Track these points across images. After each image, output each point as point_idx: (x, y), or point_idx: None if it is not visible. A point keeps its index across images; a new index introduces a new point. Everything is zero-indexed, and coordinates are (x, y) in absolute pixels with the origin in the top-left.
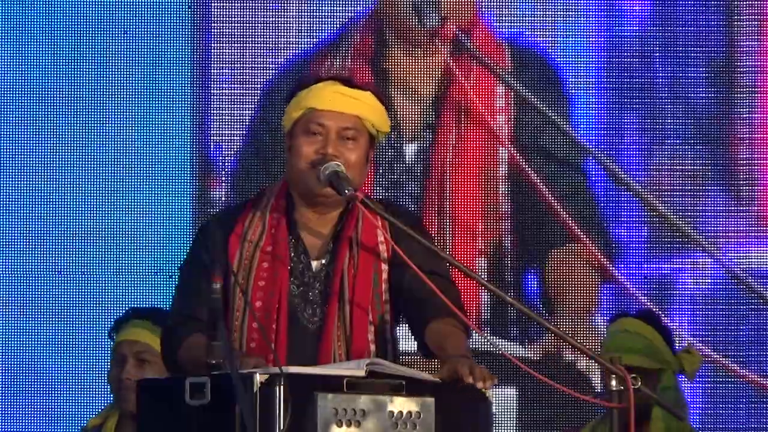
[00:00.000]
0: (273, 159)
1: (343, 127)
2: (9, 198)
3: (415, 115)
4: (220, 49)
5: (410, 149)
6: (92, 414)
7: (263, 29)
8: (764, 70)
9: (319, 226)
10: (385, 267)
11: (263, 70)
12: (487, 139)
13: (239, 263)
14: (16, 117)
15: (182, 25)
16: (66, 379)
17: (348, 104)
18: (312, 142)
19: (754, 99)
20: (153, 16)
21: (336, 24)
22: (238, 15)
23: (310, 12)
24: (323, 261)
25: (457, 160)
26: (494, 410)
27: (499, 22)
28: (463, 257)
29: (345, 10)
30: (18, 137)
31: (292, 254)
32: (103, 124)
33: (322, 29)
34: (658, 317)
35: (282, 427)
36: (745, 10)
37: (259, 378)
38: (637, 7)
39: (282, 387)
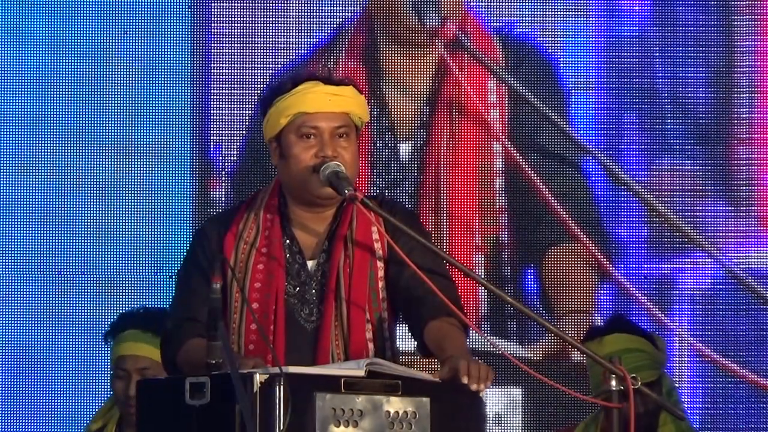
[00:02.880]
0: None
1: (335, 126)
2: (9, 198)
3: (409, 113)
4: (220, 49)
5: (405, 148)
6: (92, 413)
7: (263, 29)
8: (763, 70)
9: (314, 224)
10: (381, 265)
11: (263, 70)
12: (482, 136)
13: (235, 264)
14: (16, 117)
15: (182, 25)
16: (66, 379)
17: (336, 103)
18: (308, 146)
19: (753, 99)
20: (153, 16)
21: (335, 24)
22: (238, 15)
23: (310, 12)
24: (319, 260)
25: (452, 157)
26: (500, 410)
27: (498, 21)
28: (461, 254)
29: (344, 10)
30: (18, 137)
31: (287, 255)
32: (103, 124)
33: (321, 29)
34: (628, 319)
35: (282, 427)
36: (744, 10)
37: (259, 378)
38: (637, 7)
39: (282, 387)
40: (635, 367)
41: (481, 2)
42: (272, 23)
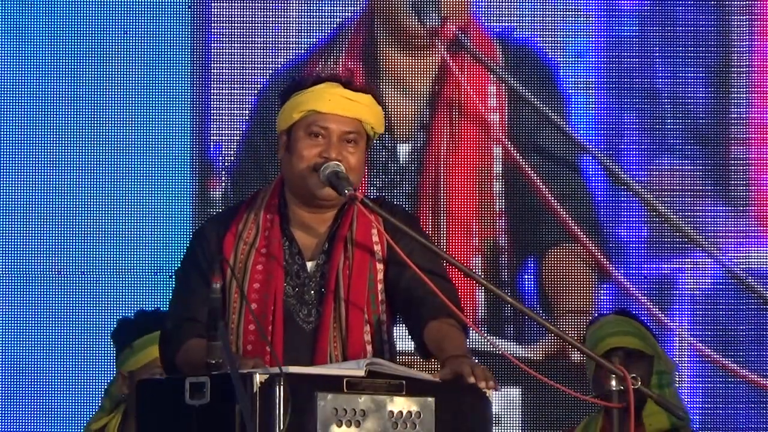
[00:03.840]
0: (270, 160)
1: (345, 131)
2: (9, 198)
3: (409, 114)
4: (220, 49)
5: (404, 149)
6: (92, 413)
7: (263, 29)
8: (761, 70)
9: (315, 225)
10: (380, 267)
11: (263, 70)
12: (481, 137)
13: (234, 265)
14: (16, 117)
15: (182, 25)
16: (66, 379)
17: (350, 108)
18: (314, 145)
19: (751, 99)
20: (153, 16)
21: (335, 24)
22: (238, 15)
23: (310, 12)
24: (318, 261)
25: (451, 158)
26: (498, 410)
27: (498, 22)
28: (459, 256)
29: (345, 9)
30: (18, 137)
31: (287, 255)
32: (103, 124)
33: (321, 29)
34: (638, 317)
35: (282, 427)
36: (742, 10)
37: (258, 378)
38: (637, 7)
39: (282, 387)
40: (618, 331)
41: (481, 3)
42: (272, 23)
